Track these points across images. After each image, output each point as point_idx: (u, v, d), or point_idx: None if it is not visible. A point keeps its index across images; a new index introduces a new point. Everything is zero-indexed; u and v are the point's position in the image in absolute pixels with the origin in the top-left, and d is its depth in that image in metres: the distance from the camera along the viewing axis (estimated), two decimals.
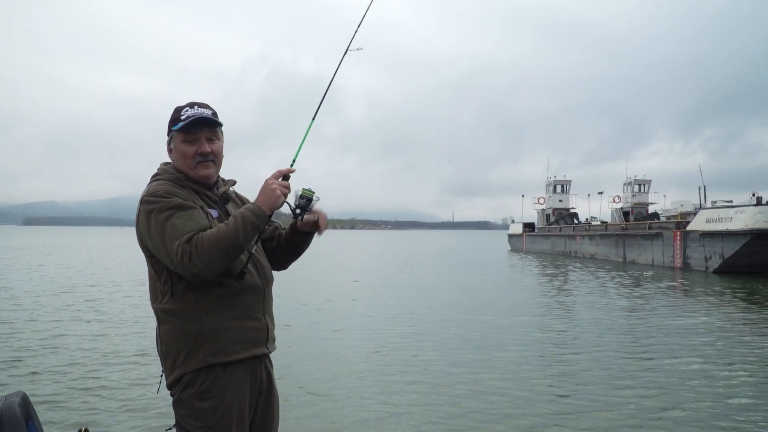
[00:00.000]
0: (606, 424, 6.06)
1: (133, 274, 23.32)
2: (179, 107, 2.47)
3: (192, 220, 2.27)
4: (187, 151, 2.43)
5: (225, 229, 2.21)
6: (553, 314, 14.07)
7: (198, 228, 2.25)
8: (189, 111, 2.42)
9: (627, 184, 54.56)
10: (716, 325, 12.38)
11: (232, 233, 2.21)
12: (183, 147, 2.43)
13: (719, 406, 6.67)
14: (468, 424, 6.07)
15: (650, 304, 16.02)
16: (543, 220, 61.62)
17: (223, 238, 2.19)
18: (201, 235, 2.22)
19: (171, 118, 2.46)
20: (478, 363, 8.73)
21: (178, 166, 2.48)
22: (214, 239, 2.19)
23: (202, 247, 2.18)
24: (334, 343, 10.17)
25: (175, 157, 2.49)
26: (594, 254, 43.04)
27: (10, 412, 2.31)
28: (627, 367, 8.51)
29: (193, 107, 2.44)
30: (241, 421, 2.33)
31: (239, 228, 2.22)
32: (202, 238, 2.20)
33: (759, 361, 8.95)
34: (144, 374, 7.87)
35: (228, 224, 2.23)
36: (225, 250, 2.20)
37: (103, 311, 13.51)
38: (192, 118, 2.40)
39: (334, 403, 6.73)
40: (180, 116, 2.42)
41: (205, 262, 2.19)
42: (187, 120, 2.39)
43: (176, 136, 2.44)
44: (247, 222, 2.23)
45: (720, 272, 27.61)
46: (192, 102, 2.48)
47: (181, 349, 2.32)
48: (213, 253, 2.18)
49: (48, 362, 8.56)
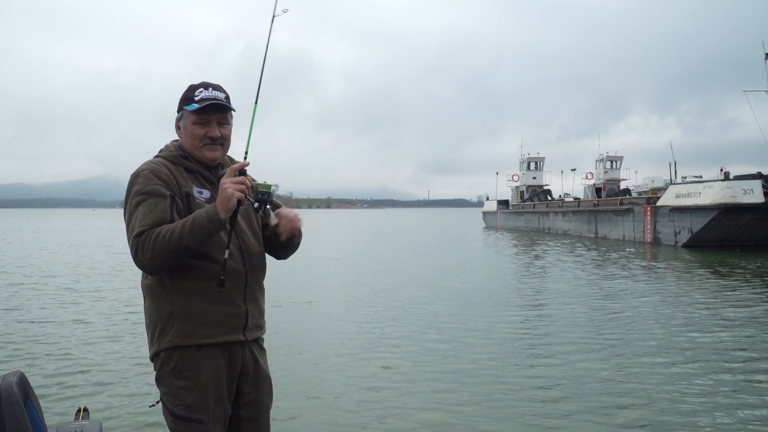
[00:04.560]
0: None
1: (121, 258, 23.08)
2: (193, 86, 2.47)
3: (153, 212, 2.27)
4: (197, 133, 2.45)
5: (173, 230, 2.22)
6: (526, 298, 14.31)
7: (153, 222, 2.26)
8: (203, 92, 2.43)
9: (599, 160, 55.18)
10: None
11: (177, 235, 2.20)
12: (193, 128, 2.45)
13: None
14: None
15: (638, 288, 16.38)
16: (517, 197, 62.10)
17: (168, 239, 2.20)
18: (151, 231, 2.23)
19: (183, 97, 2.47)
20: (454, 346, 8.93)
21: (185, 145, 2.50)
22: (161, 239, 2.21)
23: (148, 245, 2.21)
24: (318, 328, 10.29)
25: (183, 135, 2.51)
26: (567, 230, 43.61)
27: (8, 391, 2.34)
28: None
29: (208, 89, 2.44)
30: (219, 400, 2.36)
31: (186, 231, 2.21)
32: (151, 236, 2.22)
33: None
34: (139, 352, 7.95)
35: (179, 225, 2.23)
36: (169, 251, 2.21)
37: (92, 291, 13.47)
38: (207, 102, 2.41)
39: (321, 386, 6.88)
40: (194, 96, 2.43)
41: (148, 259, 2.23)
42: (201, 103, 2.41)
43: (188, 116, 2.45)
44: (196, 225, 2.22)
45: (689, 246, 28.22)
46: (206, 83, 2.47)
47: (156, 326, 2.37)
48: (157, 252, 2.21)
49: (44, 342, 8.65)
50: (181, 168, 2.46)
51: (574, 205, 45.17)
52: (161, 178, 2.35)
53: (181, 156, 2.48)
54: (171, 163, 2.45)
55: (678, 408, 5.82)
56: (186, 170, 2.46)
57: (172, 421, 2.36)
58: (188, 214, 2.35)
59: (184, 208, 2.37)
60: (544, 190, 59.48)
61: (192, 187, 2.43)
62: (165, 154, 2.50)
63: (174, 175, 2.41)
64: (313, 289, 14.33)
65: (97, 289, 14.23)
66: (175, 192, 2.37)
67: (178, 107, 2.50)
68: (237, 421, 2.47)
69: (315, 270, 18.57)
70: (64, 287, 14.68)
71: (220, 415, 2.38)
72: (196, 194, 2.43)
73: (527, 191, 60.10)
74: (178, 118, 2.50)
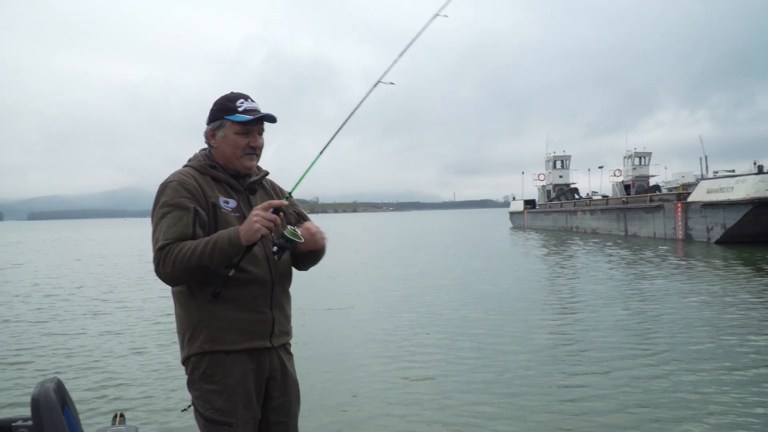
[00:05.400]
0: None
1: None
2: (232, 96, 2.52)
3: (177, 225, 2.32)
4: (240, 143, 2.49)
5: (194, 248, 2.26)
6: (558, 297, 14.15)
7: (176, 236, 2.30)
8: (246, 103, 2.48)
9: (627, 157, 54.47)
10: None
11: (198, 255, 2.25)
12: (236, 138, 2.48)
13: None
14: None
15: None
16: (544, 196, 61.57)
17: (188, 257, 2.25)
18: (173, 247, 2.28)
19: (222, 107, 2.51)
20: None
21: (224, 154, 2.52)
22: (182, 255, 2.26)
23: (169, 259, 2.27)
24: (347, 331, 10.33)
25: (221, 144, 2.52)
26: (595, 229, 43.09)
27: (46, 397, 2.39)
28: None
29: (247, 100, 2.50)
30: (249, 404, 2.41)
31: (207, 252, 2.26)
32: (173, 251, 2.27)
33: None
34: (171, 357, 8.10)
35: (200, 245, 2.27)
36: (188, 269, 2.27)
37: (125, 299, 13.73)
38: (257, 114, 2.47)
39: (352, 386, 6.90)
40: (236, 107, 2.48)
41: (168, 273, 2.29)
42: (250, 114, 2.46)
43: (230, 126, 2.48)
44: (217, 249, 2.26)
45: (722, 243, 27.66)
46: (241, 93, 2.53)
47: (185, 332, 2.43)
48: (177, 268, 2.27)
49: (80, 349, 8.86)
50: (208, 177, 2.50)
51: (603, 203, 44.60)
52: (188, 190, 2.40)
53: (210, 166, 2.52)
54: (199, 173, 2.50)
55: (740, 421, 5.35)
56: (213, 180, 2.51)
57: (203, 425, 2.41)
58: (214, 224, 2.41)
59: (210, 218, 2.41)
60: (571, 189, 58.90)
61: (218, 197, 2.47)
62: (194, 163, 2.55)
63: (201, 186, 2.45)
64: (339, 296, 14.28)
65: (127, 298, 14.48)
66: (201, 203, 2.41)
67: (213, 117, 2.53)
68: (266, 424, 2.51)
69: (342, 275, 18.56)
70: (97, 297, 14.97)
71: (249, 418, 2.42)
72: (223, 204, 2.47)
73: (554, 190, 59.56)
74: (216, 127, 2.52)
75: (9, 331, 10.47)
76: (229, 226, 2.40)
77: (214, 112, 2.53)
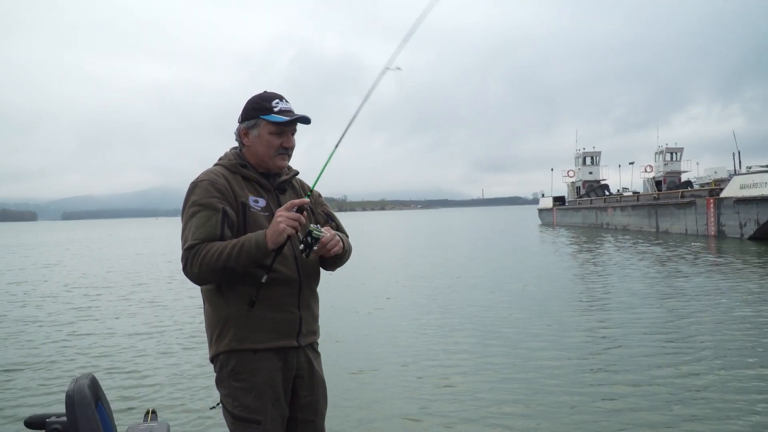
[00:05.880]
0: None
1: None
2: (268, 96, 2.52)
3: (206, 225, 2.34)
4: (274, 143, 2.50)
5: (222, 250, 2.27)
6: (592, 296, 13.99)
7: (204, 237, 2.32)
8: (281, 104, 2.49)
9: (658, 152, 53.58)
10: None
11: (225, 257, 2.26)
12: (270, 138, 2.49)
13: None
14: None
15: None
16: (573, 193, 60.87)
17: (215, 259, 2.27)
18: (201, 247, 2.30)
19: (257, 106, 2.50)
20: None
21: (257, 153, 2.53)
22: (209, 257, 2.27)
23: (197, 260, 2.28)
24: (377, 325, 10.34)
25: (255, 143, 2.53)
26: (626, 225, 42.48)
27: (80, 393, 2.42)
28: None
29: (282, 100, 2.51)
30: (277, 401, 2.42)
31: (234, 254, 2.27)
32: (201, 252, 2.29)
33: None
34: (201, 355, 8.21)
35: (228, 247, 2.28)
36: (216, 270, 2.29)
37: (157, 298, 13.96)
38: (293, 116, 2.48)
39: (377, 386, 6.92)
40: (272, 107, 2.48)
41: (196, 273, 2.31)
42: (287, 115, 2.48)
43: (265, 126, 2.49)
44: (244, 251, 2.27)
45: (755, 239, 27.10)
46: (276, 93, 2.53)
47: (214, 330, 2.46)
48: (204, 269, 2.29)
49: (111, 346, 9.07)
50: (238, 177, 2.51)
51: (633, 200, 43.91)
52: (218, 189, 2.41)
53: (240, 165, 2.53)
54: (229, 172, 2.51)
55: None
56: (243, 179, 2.52)
57: (232, 422, 2.43)
58: (243, 223, 2.42)
59: (240, 218, 2.43)
60: (602, 185, 58.12)
61: (248, 197, 2.48)
62: (224, 162, 2.56)
63: (231, 185, 2.46)
64: (366, 295, 14.16)
65: (159, 297, 14.69)
66: (231, 203, 2.42)
67: (247, 115, 2.53)
68: (293, 422, 2.52)
69: (368, 275, 18.52)
70: (132, 293, 15.24)
71: (278, 416, 2.44)
72: (252, 203, 2.48)
73: (584, 186, 58.84)
74: (249, 126, 2.52)
75: (43, 331, 10.69)
76: (258, 225, 2.42)
77: (249, 110, 2.52)
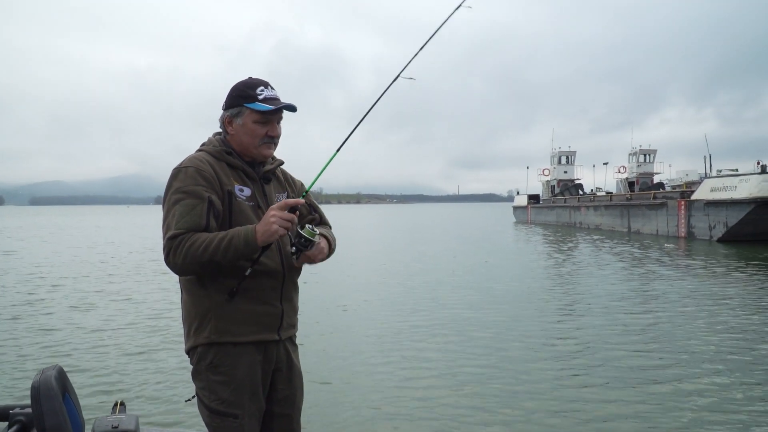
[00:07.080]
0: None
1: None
2: (251, 83, 2.44)
3: (190, 215, 2.25)
4: (259, 132, 2.42)
5: (209, 243, 2.21)
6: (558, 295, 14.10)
7: (189, 226, 2.24)
8: (266, 91, 2.41)
9: (632, 154, 54.33)
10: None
11: (212, 251, 2.20)
12: (254, 127, 2.42)
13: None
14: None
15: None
16: (548, 191, 61.46)
17: (201, 251, 2.20)
18: (185, 237, 2.22)
19: (241, 93, 2.42)
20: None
21: (241, 141, 2.45)
22: (194, 249, 2.20)
23: (181, 250, 2.21)
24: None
25: (239, 132, 2.45)
26: (599, 225, 43.04)
27: (47, 385, 2.37)
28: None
29: (267, 87, 2.43)
30: (254, 396, 2.38)
31: (222, 248, 2.20)
32: (185, 243, 2.21)
33: None
34: (173, 347, 8.12)
35: (215, 240, 2.22)
36: (201, 263, 2.22)
37: (127, 288, 13.74)
38: (279, 105, 2.40)
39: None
40: (256, 94, 2.40)
41: (179, 264, 2.23)
42: (271, 103, 2.40)
43: (249, 114, 2.41)
44: (232, 246, 2.21)
45: (723, 241, 27.65)
46: (261, 80, 2.46)
47: (192, 322, 2.38)
48: (189, 260, 2.21)
49: (80, 338, 8.88)
50: (223, 163, 2.43)
51: (606, 200, 44.50)
52: (205, 177, 2.33)
53: (225, 152, 2.44)
54: (215, 159, 2.42)
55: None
56: (228, 166, 2.44)
57: (207, 415, 2.37)
58: (229, 212, 2.35)
59: (225, 207, 2.35)
60: (576, 185, 58.78)
61: (234, 185, 2.40)
62: (208, 148, 2.46)
63: (217, 173, 2.38)
64: (345, 293, 14.03)
65: (131, 289, 14.51)
66: (218, 191, 2.34)
67: (231, 103, 2.45)
68: (270, 416, 2.48)
69: (342, 270, 18.43)
70: (100, 284, 15.03)
71: (255, 410, 2.39)
72: (238, 192, 2.40)
73: (558, 185, 59.44)
74: (233, 114, 2.44)
75: (8, 321, 10.47)
76: (243, 215, 2.36)
77: (233, 98, 2.44)
